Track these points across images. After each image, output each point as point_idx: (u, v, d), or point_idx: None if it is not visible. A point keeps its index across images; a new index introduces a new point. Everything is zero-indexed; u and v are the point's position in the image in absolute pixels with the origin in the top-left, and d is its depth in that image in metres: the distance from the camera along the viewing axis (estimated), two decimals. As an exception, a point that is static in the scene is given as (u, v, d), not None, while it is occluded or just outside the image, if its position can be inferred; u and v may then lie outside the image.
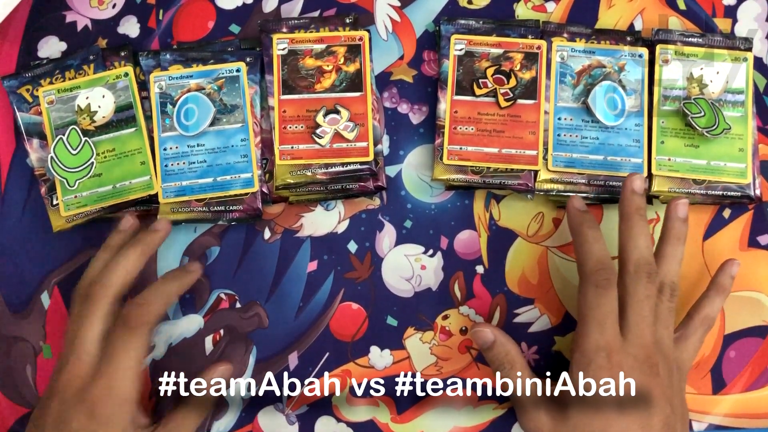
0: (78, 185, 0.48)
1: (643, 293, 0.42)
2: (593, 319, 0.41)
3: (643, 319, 0.42)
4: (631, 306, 0.42)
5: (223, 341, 0.49)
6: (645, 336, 0.41)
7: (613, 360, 0.40)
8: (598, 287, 0.42)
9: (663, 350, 0.42)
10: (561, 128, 0.49)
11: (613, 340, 0.41)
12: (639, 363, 0.41)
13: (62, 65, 0.50)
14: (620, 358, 0.40)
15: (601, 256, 0.43)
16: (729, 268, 0.47)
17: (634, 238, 0.43)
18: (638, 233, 0.43)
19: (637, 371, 0.40)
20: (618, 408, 0.40)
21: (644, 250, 0.43)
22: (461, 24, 0.51)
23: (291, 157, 0.49)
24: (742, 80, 0.50)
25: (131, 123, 0.49)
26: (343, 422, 0.48)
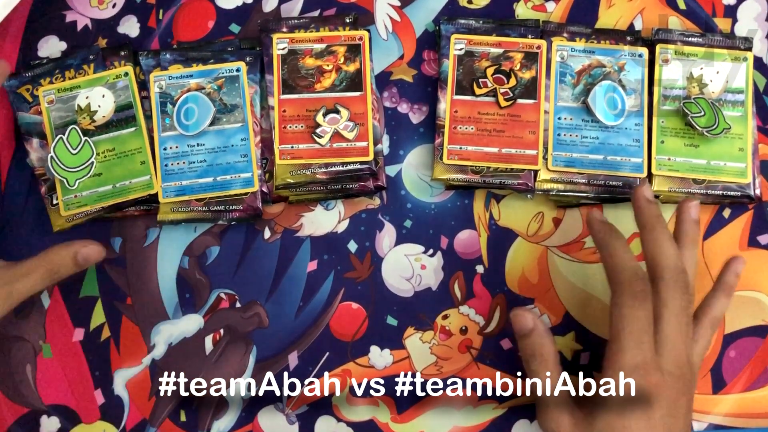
0: (78, 185, 0.48)
1: (680, 305, 0.40)
2: (631, 334, 0.40)
3: (679, 333, 0.40)
4: (668, 319, 0.40)
5: (223, 341, 0.49)
6: (680, 351, 0.40)
7: (652, 380, 0.39)
8: (636, 299, 0.40)
9: (689, 361, 0.41)
10: (561, 128, 0.49)
11: (651, 357, 0.39)
12: (674, 382, 0.39)
13: (62, 65, 0.50)
14: (658, 378, 0.39)
15: (635, 266, 0.41)
16: (735, 266, 0.46)
17: (663, 247, 0.42)
18: (664, 240, 0.42)
19: (672, 391, 0.39)
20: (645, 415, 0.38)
21: (676, 258, 0.41)
22: (461, 24, 0.51)
23: (291, 157, 0.49)
24: (742, 80, 0.50)
25: (131, 123, 0.49)
26: (343, 422, 0.48)
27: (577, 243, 0.50)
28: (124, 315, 0.49)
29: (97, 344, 0.49)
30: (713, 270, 0.49)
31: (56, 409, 0.49)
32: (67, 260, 0.45)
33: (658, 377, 0.39)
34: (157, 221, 0.49)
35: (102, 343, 0.49)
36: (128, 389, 0.49)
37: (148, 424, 0.48)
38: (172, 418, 0.48)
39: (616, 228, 0.43)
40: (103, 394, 0.49)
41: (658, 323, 0.40)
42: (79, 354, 0.49)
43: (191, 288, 0.49)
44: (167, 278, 0.50)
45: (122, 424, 0.48)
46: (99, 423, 0.48)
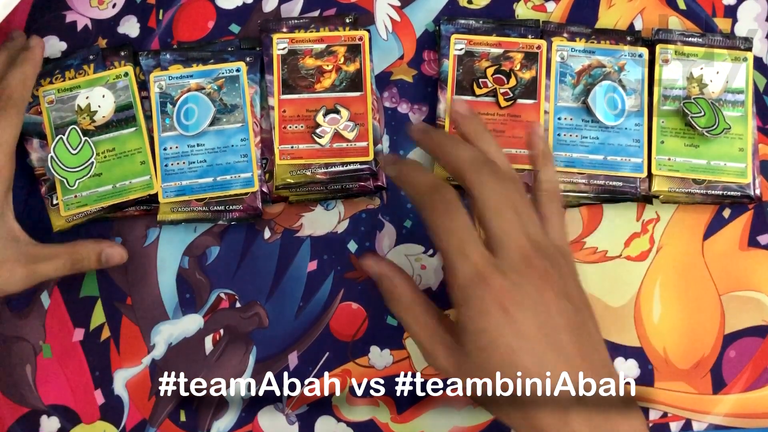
0: (78, 185, 0.48)
1: (497, 193, 0.37)
2: (452, 249, 0.36)
3: (508, 222, 0.36)
4: (491, 214, 0.37)
5: (223, 341, 0.49)
6: (518, 240, 0.36)
7: (494, 285, 0.35)
8: (440, 213, 0.36)
9: (541, 245, 0.37)
10: (561, 128, 0.49)
11: (483, 263, 0.35)
12: (523, 276, 0.36)
13: (62, 65, 0.50)
14: (499, 281, 0.35)
15: (429, 179, 0.38)
16: (535, 133, 0.43)
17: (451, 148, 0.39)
18: (450, 143, 0.39)
19: (526, 286, 0.35)
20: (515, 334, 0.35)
21: (471, 150, 0.38)
22: (461, 24, 0.51)
23: (291, 157, 0.49)
24: (742, 80, 0.50)
25: (131, 123, 0.49)
26: (343, 422, 0.48)
27: (577, 243, 0.50)
28: (124, 315, 0.49)
29: (97, 344, 0.49)
30: (713, 270, 0.49)
31: (56, 409, 0.49)
32: (92, 256, 0.47)
33: (501, 279, 0.35)
34: (157, 221, 0.49)
35: (102, 343, 0.49)
36: (128, 389, 0.49)
37: (148, 424, 0.48)
38: (172, 418, 0.48)
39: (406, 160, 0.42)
40: (103, 394, 0.49)
41: (484, 224, 0.37)
42: (79, 354, 0.49)
43: (191, 288, 0.49)
44: (167, 278, 0.50)
45: (122, 424, 0.48)
46: (99, 423, 0.48)
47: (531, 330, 0.35)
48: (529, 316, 0.35)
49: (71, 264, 0.46)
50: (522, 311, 0.35)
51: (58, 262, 0.46)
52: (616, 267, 0.49)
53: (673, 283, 0.49)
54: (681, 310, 0.49)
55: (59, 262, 0.46)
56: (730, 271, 0.49)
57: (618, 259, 0.49)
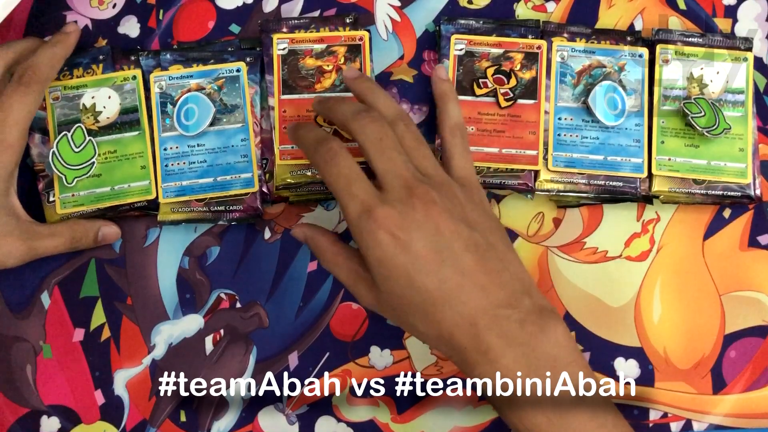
0: (76, 183, 0.48)
1: (376, 136, 0.40)
2: (340, 191, 0.39)
3: (389, 160, 0.39)
4: (373, 155, 0.40)
5: (223, 341, 0.49)
6: (400, 175, 0.39)
7: (378, 216, 0.37)
8: (327, 161, 0.39)
9: (430, 177, 0.40)
10: (561, 128, 0.49)
11: (368, 198, 0.38)
12: (406, 203, 0.38)
13: (71, 62, 0.50)
14: (384, 212, 0.38)
15: (317, 134, 0.41)
16: (437, 74, 0.47)
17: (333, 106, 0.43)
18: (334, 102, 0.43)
19: (411, 212, 0.38)
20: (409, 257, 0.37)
21: (351, 105, 0.42)
22: (461, 24, 0.51)
23: (291, 157, 0.49)
24: (742, 80, 0.50)
25: (135, 126, 0.49)
26: (343, 422, 0.48)
27: (577, 243, 0.50)
28: (124, 315, 0.49)
29: (97, 344, 0.49)
30: (713, 270, 0.49)
31: (56, 410, 0.49)
32: (89, 234, 0.48)
33: (385, 209, 0.38)
34: (158, 221, 0.49)
35: (102, 343, 0.49)
36: (128, 389, 0.49)
37: (148, 424, 0.48)
38: (172, 419, 0.48)
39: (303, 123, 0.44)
40: (103, 394, 0.49)
41: (371, 166, 0.40)
42: (79, 354, 0.49)
43: (191, 288, 0.49)
44: (167, 278, 0.50)
45: (122, 425, 0.48)
46: (99, 423, 0.48)
47: (424, 251, 0.37)
48: (419, 238, 0.38)
49: (70, 242, 0.47)
50: (411, 235, 0.37)
51: (56, 240, 0.47)
52: (616, 267, 0.49)
53: (673, 283, 0.49)
54: (681, 310, 0.49)
55: (58, 240, 0.47)
56: (730, 271, 0.49)
57: (618, 260, 0.49)
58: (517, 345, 0.37)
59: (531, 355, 0.37)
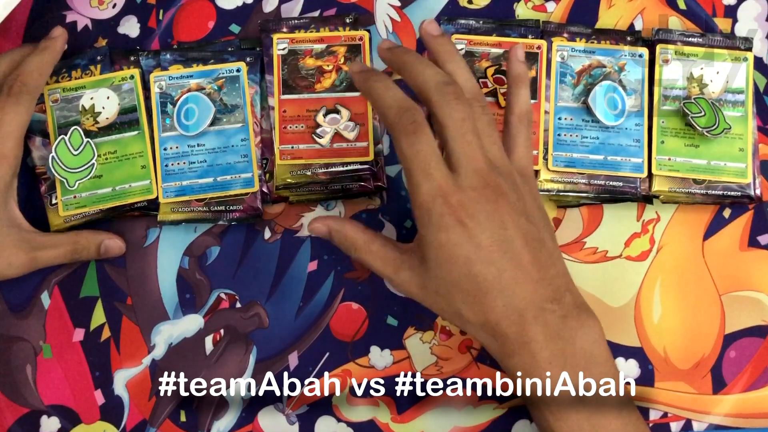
0: (78, 186, 0.48)
1: (459, 116, 0.39)
2: (416, 169, 0.38)
3: (468, 144, 0.39)
4: (452, 136, 0.39)
5: (223, 341, 0.49)
6: (476, 161, 0.38)
7: (452, 201, 0.37)
8: (409, 134, 0.38)
9: (498, 166, 0.40)
10: (561, 128, 0.49)
11: (444, 182, 0.38)
12: (479, 193, 0.38)
13: (69, 64, 0.50)
14: (459, 197, 0.38)
15: (399, 99, 0.39)
16: (515, 54, 0.44)
17: (419, 70, 0.40)
18: (418, 64, 0.40)
19: (482, 202, 0.38)
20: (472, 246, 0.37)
21: (436, 74, 0.40)
22: (461, 24, 0.51)
23: (291, 157, 0.49)
24: (742, 80, 0.50)
25: (134, 126, 0.49)
26: (343, 422, 0.48)
27: (577, 243, 0.50)
28: (124, 315, 0.49)
29: (97, 344, 0.49)
30: (713, 270, 0.49)
31: (56, 410, 0.49)
32: (92, 246, 0.48)
33: (459, 196, 0.38)
34: (158, 221, 0.49)
35: (102, 343, 0.49)
36: (128, 389, 0.49)
37: (148, 424, 0.48)
38: (172, 419, 0.48)
39: (376, 70, 0.42)
40: (103, 394, 0.49)
41: (446, 144, 0.39)
42: (79, 354, 0.49)
43: (191, 288, 0.49)
44: (167, 278, 0.50)
45: (122, 425, 0.48)
46: (99, 423, 0.48)
47: (487, 242, 0.38)
48: (485, 229, 0.38)
49: (71, 253, 0.47)
50: (479, 225, 0.38)
51: (58, 250, 0.47)
52: (616, 267, 0.49)
53: (673, 283, 0.49)
54: (681, 310, 0.49)
55: (60, 251, 0.47)
56: (730, 271, 0.49)
57: (618, 259, 0.49)
58: (558, 339, 0.38)
59: (569, 350, 0.38)
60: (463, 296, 0.38)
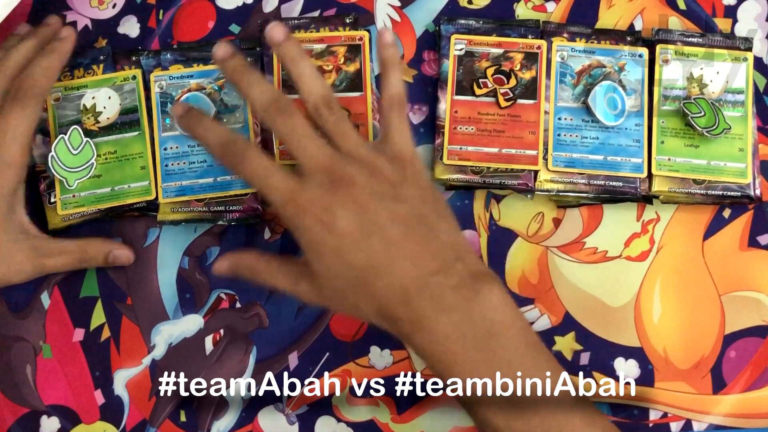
0: (77, 185, 0.48)
1: (286, 129, 0.40)
2: (260, 187, 0.40)
3: (304, 148, 0.40)
4: (289, 146, 0.40)
5: (223, 341, 0.49)
6: (316, 159, 0.40)
7: (301, 202, 0.39)
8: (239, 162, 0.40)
9: (354, 158, 0.40)
10: (561, 128, 0.49)
11: (290, 187, 0.39)
12: (327, 187, 0.39)
13: (72, 63, 0.50)
14: (306, 197, 0.39)
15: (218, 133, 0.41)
16: (382, 39, 0.45)
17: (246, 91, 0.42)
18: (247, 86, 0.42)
19: (333, 194, 0.39)
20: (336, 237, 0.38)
21: (259, 93, 0.41)
22: (461, 24, 0.51)
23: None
24: (742, 80, 0.50)
25: (135, 127, 0.49)
26: (343, 422, 0.48)
27: (577, 243, 0.50)
28: (124, 315, 0.49)
29: (97, 344, 0.49)
30: (713, 270, 0.49)
31: (56, 410, 0.49)
32: (100, 256, 0.48)
33: (307, 195, 0.39)
34: (157, 221, 0.49)
35: (102, 343, 0.49)
36: (128, 389, 0.49)
37: (148, 424, 0.48)
38: (172, 419, 0.48)
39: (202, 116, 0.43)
40: (103, 394, 0.49)
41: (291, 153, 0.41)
42: (79, 354, 0.49)
43: (191, 288, 0.49)
44: (167, 278, 0.50)
45: (122, 425, 0.48)
46: (99, 423, 0.48)
47: (349, 228, 0.38)
48: (343, 216, 0.38)
49: (78, 262, 0.47)
50: (335, 215, 0.38)
51: (66, 257, 0.47)
52: (616, 267, 0.49)
53: (673, 283, 0.49)
54: (681, 310, 0.49)
55: (67, 259, 0.47)
56: (730, 271, 0.49)
57: (618, 260, 0.49)
58: (450, 311, 0.38)
59: (467, 320, 0.38)
60: (351, 289, 0.39)
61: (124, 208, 0.49)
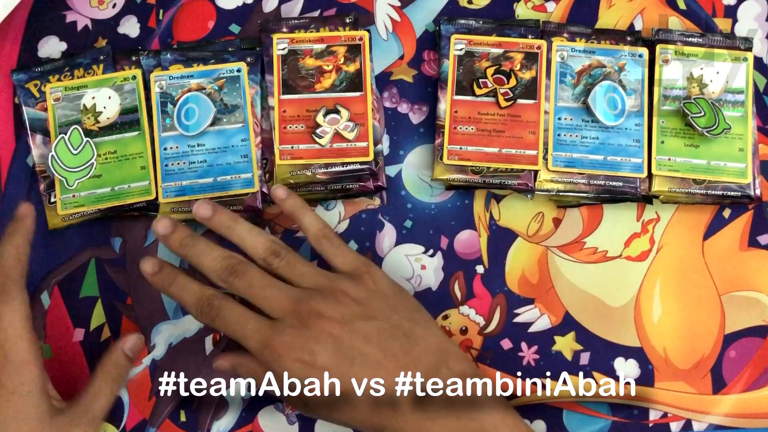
0: (77, 185, 0.48)
1: (243, 287, 0.42)
2: (238, 338, 0.42)
3: (266, 299, 0.42)
4: (254, 301, 0.42)
5: (223, 341, 0.49)
6: (281, 304, 0.41)
7: (276, 347, 0.40)
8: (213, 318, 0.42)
9: (315, 290, 0.42)
10: (561, 128, 0.49)
11: (263, 333, 0.41)
12: (297, 327, 0.40)
13: (72, 63, 0.50)
14: (280, 341, 0.40)
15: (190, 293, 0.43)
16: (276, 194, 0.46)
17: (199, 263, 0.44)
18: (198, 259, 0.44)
19: (303, 334, 0.40)
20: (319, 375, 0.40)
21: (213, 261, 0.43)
22: (461, 24, 0.51)
23: (291, 157, 0.49)
24: (742, 80, 0.50)
25: (135, 126, 0.49)
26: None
27: (577, 243, 0.50)
28: (124, 315, 0.49)
29: (97, 344, 0.49)
30: (713, 270, 0.49)
31: (56, 410, 0.48)
32: (122, 361, 0.46)
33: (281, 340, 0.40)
34: (158, 221, 0.49)
35: (102, 343, 0.49)
36: (128, 389, 0.48)
37: (148, 424, 0.48)
38: (172, 419, 0.48)
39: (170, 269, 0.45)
40: (103, 394, 0.49)
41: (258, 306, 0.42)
42: (79, 354, 0.49)
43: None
44: (167, 278, 0.50)
45: (122, 425, 0.48)
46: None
47: (330, 361, 0.40)
48: (322, 352, 0.40)
49: (116, 385, 0.45)
50: (313, 352, 0.40)
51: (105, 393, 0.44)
52: (616, 267, 0.49)
53: (673, 283, 0.49)
54: (681, 310, 0.49)
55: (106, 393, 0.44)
56: (730, 271, 0.49)
57: (618, 259, 0.49)
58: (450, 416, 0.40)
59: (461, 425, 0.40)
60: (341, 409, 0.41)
61: (124, 208, 0.49)
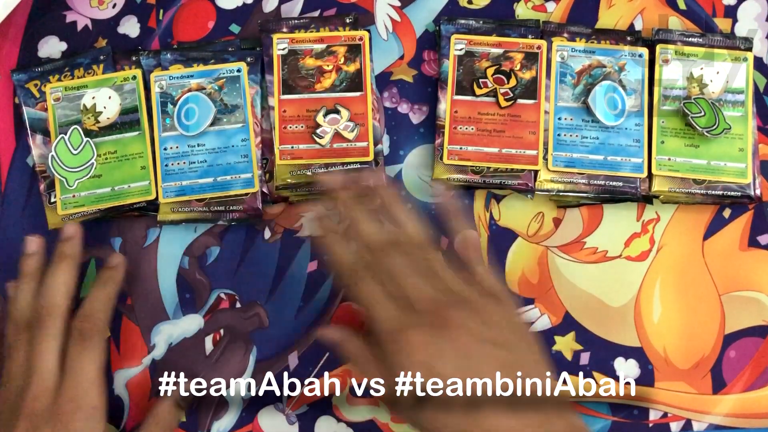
0: (77, 185, 0.48)
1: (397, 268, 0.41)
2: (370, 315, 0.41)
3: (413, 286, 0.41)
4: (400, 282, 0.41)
5: (223, 341, 0.49)
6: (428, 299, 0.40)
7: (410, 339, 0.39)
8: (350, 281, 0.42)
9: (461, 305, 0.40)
10: (561, 128, 0.49)
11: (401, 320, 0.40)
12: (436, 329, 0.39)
13: (72, 63, 0.50)
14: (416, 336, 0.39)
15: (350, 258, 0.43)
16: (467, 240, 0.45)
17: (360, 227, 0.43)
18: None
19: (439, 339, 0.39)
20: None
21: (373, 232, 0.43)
22: (461, 24, 0.51)
23: (291, 157, 0.49)
24: (742, 80, 0.50)
25: (135, 126, 0.49)
26: (343, 422, 0.48)
27: (577, 243, 0.50)
28: (124, 315, 0.49)
29: (97, 344, 0.49)
30: (713, 270, 0.49)
31: (56, 410, 0.48)
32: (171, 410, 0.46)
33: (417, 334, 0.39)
34: (158, 221, 0.49)
35: (102, 343, 0.49)
36: (128, 389, 0.49)
37: (148, 424, 0.48)
38: (173, 419, 0.48)
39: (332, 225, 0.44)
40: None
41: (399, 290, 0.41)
42: (79, 354, 0.49)
43: (191, 288, 0.49)
44: (167, 278, 0.50)
45: (122, 425, 0.48)
46: (99, 423, 0.48)
47: (450, 374, 0.39)
48: (449, 363, 0.39)
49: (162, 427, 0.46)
50: (443, 362, 0.39)
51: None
52: (616, 267, 0.49)
53: (673, 283, 0.49)
54: (681, 310, 0.49)
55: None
56: (730, 271, 0.49)
57: (618, 259, 0.49)
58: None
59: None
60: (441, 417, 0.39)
61: (124, 208, 0.49)
